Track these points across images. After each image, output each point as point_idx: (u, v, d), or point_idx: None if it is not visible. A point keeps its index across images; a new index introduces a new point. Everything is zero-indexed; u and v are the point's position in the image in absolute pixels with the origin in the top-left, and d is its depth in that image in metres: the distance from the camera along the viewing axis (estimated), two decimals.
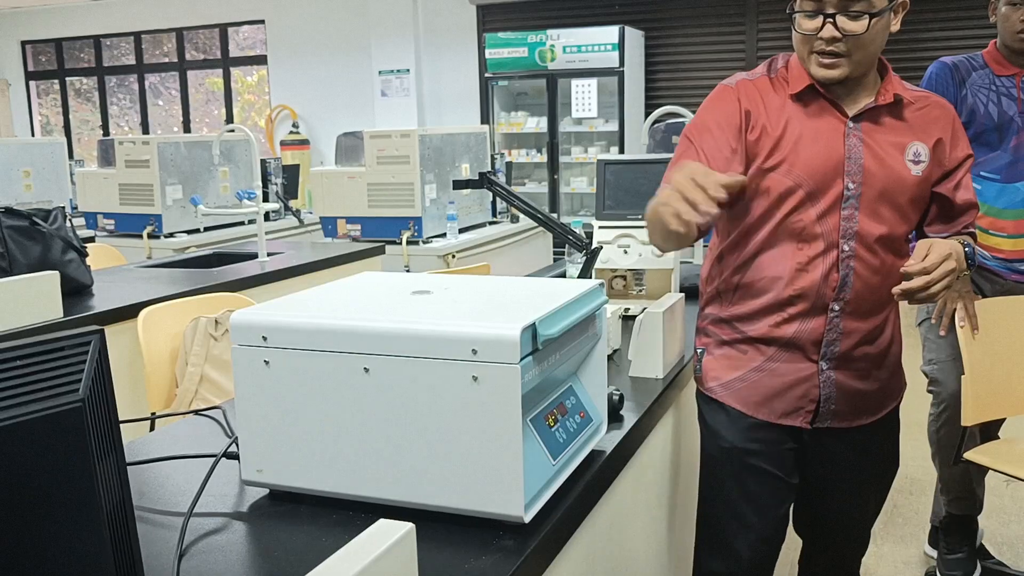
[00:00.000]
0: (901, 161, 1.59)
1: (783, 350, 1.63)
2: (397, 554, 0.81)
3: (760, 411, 1.66)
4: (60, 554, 0.68)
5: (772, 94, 1.63)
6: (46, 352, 0.69)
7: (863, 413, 1.68)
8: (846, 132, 1.59)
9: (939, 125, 1.64)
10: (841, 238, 1.58)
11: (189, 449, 1.42)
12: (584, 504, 1.27)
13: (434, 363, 1.09)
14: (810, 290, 1.59)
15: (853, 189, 1.57)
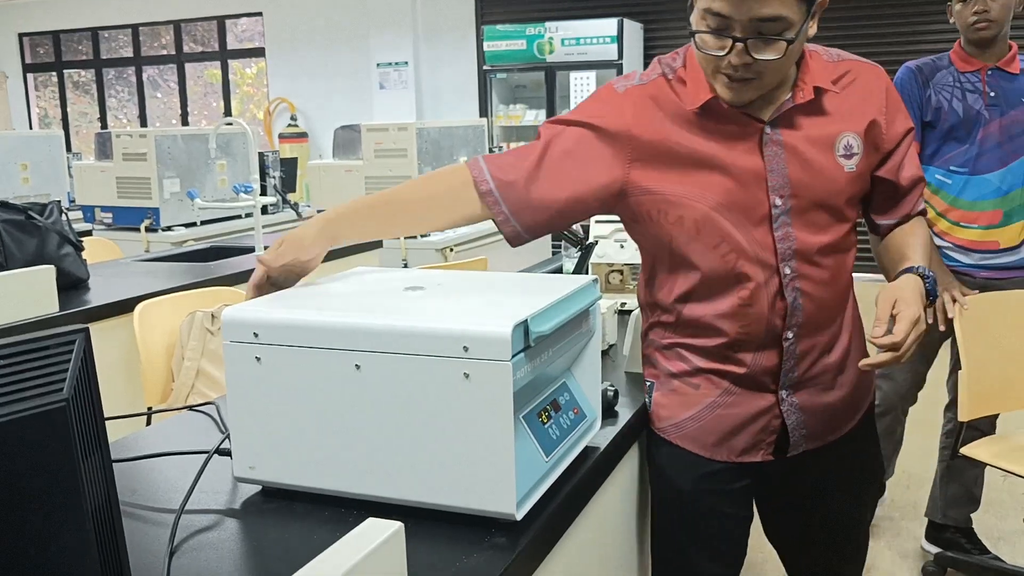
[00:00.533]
0: (832, 160, 1.39)
1: (737, 384, 1.46)
2: (386, 553, 0.80)
3: (718, 452, 1.48)
4: (45, 552, 0.68)
5: (670, 101, 1.39)
6: (30, 351, 0.68)
7: (839, 425, 1.53)
8: (763, 140, 1.37)
9: (870, 103, 1.42)
10: (780, 261, 1.39)
11: (183, 445, 1.41)
12: (577, 501, 1.26)
13: (425, 360, 1.09)
14: (758, 326, 1.41)
15: (781, 205, 1.38)
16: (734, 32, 1.27)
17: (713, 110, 1.37)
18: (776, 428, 1.48)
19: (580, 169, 1.39)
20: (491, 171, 1.39)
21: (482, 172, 1.39)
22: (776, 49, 1.28)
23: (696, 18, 1.32)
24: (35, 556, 0.67)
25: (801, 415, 1.47)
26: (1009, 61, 2.50)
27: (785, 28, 1.27)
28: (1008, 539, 2.89)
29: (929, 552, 2.78)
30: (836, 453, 1.53)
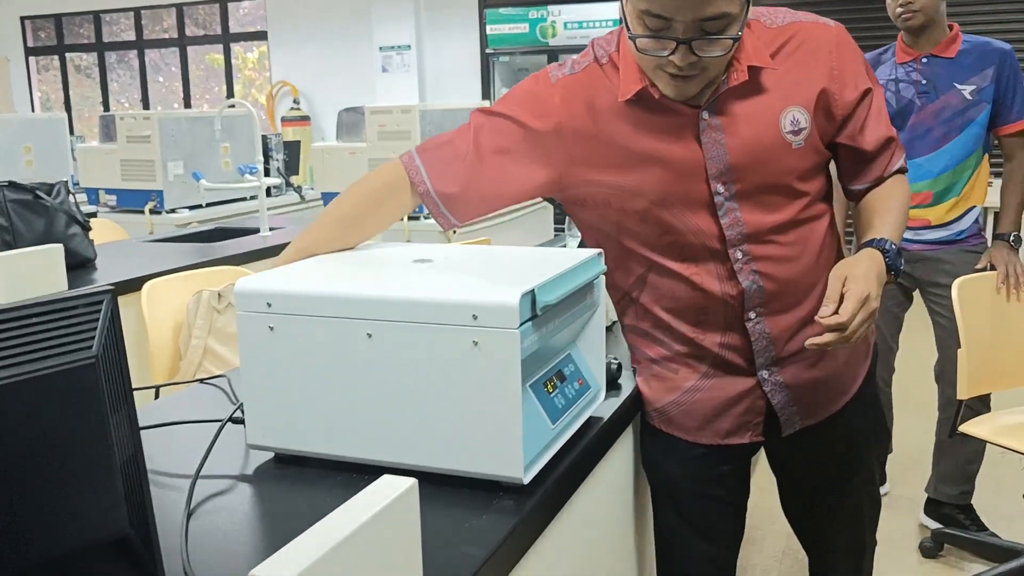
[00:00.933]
0: (777, 138, 1.32)
1: (714, 367, 1.44)
2: (401, 508, 0.83)
3: (702, 436, 1.48)
4: (77, 503, 0.71)
5: (603, 93, 1.35)
6: (60, 311, 0.71)
7: (835, 398, 1.50)
8: (700, 127, 1.32)
9: (817, 71, 1.34)
10: (729, 248, 1.35)
11: (194, 416, 1.44)
12: (582, 468, 1.29)
13: (435, 328, 1.11)
14: (715, 308, 1.39)
15: (724, 191, 1.33)
16: (676, 33, 1.21)
17: (646, 100, 1.33)
18: (762, 409, 1.45)
19: (515, 166, 1.38)
20: (428, 173, 1.40)
21: (419, 173, 1.40)
22: (722, 46, 1.24)
23: (632, 19, 1.25)
24: (68, 507, 0.70)
25: (789, 393, 1.44)
26: (945, 47, 2.56)
27: (728, 24, 1.22)
28: (1007, 516, 2.93)
29: (928, 527, 2.82)
30: (840, 423, 1.51)
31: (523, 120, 1.37)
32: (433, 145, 1.42)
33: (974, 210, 2.67)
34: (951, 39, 2.57)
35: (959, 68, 2.55)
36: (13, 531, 0.67)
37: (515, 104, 1.39)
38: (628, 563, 1.61)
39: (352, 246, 1.40)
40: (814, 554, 1.70)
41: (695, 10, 1.18)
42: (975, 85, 2.54)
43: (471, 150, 1.39)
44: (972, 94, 2.54)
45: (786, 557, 2.72)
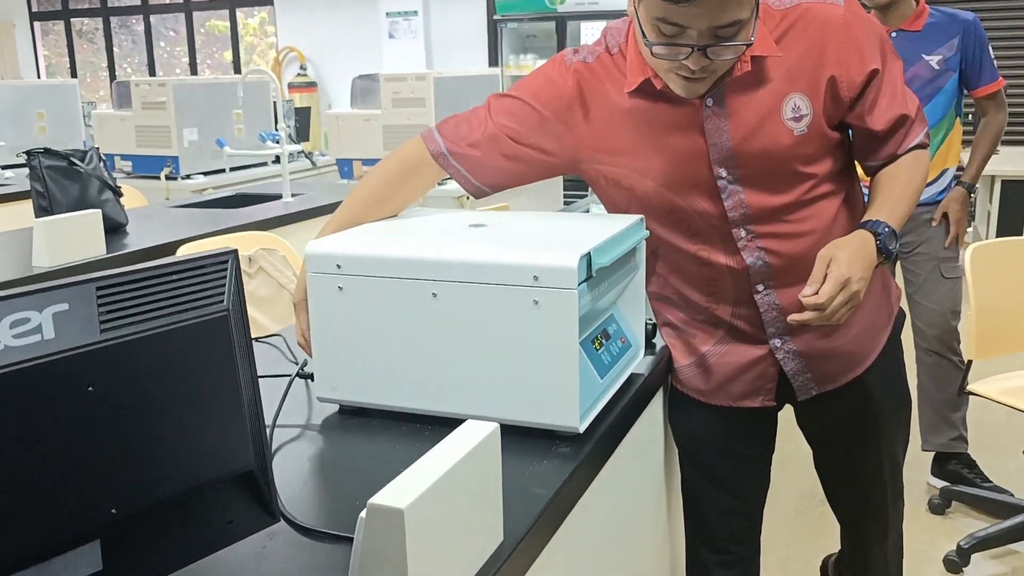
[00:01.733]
0: (779, 125, 1.35)
1: (728, 335, 1.50)
2: (486, 448, 0.92)
3: (715, 397, 1.55)
4: (212, 440, 0.79)
5: (612, 83, 1.40)
6: (193, 269, 0.79)
7: (852, 365, 1.52)
8: (703, 116, 1.36)
9: (824, 56, 1.35)
10: (732, 227, 1.40)
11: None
12: (627, 419, 1.38)
13: (498, 288, 1.20)
14: (724, 282, 1.45)
15: (727, 176, 1.38)
16: (691, 40, 1.24)
17: (650, 91, 1.37)
18: (774, 376, 1.50)
19: (528, 144, 1.44)
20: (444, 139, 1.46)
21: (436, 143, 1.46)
22: (734, 51, 1.27)
23: (647, 26, 1.26)
24: (204, 443, 0.79)
25: (802, 361, 1.49)
26: (912, 20, 2.71)
27: (741, 29, 1.24)
28: (1009, 476, 3.03)
29: (935, 486, 2.93)
30: (859, 389, 1.54)
31: (535, 104, 1.44)
32: (450, 120, 1.50)
33: (949, 171, 2.84)
34: (918, 13, 2.73)
35: (926, 40, 2.70)
36: (161, 460, 0.76)
37: (529, 89, 1.46)
38: (664, 506, 1.71)
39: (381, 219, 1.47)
40: (841, 515, 1.76)
41: (710, 19, 1.21)
42: (942, 55, 2.69)
43: (488, 122, 1.45)
44: (939, 64, 2.70)
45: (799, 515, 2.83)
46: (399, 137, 4.78)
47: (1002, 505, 2.71)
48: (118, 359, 0.72)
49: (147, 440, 0.74)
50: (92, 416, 0.71)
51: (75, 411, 0.70)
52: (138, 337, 0.74)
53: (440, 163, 1.47)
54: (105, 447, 0.71)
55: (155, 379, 0.75)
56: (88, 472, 0.71)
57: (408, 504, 0.78)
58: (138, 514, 0.74)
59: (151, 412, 0.75)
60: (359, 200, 1.47)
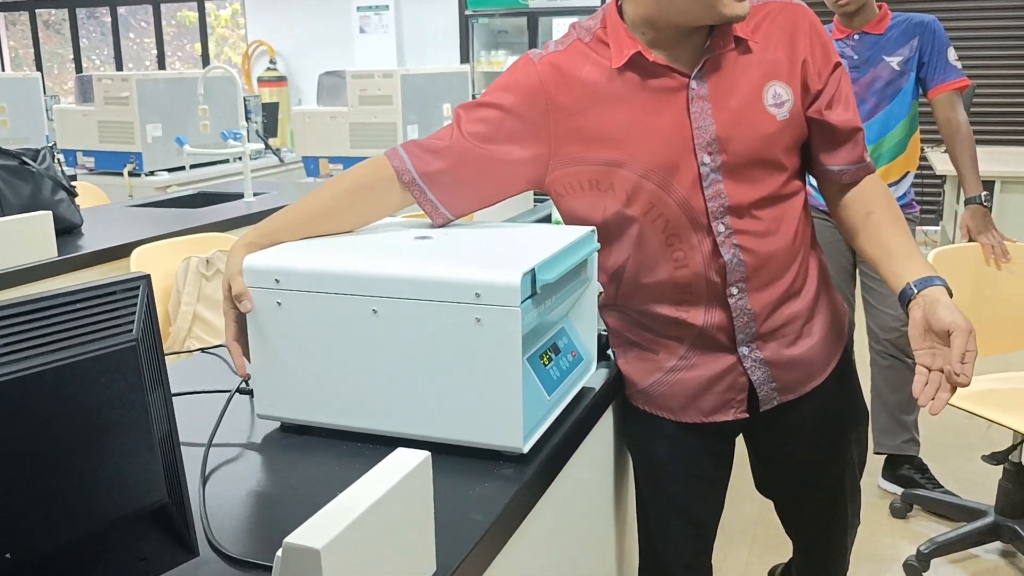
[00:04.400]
0: (761, 110, 1.36)
1: (696, 345, 1.46)
2: (416, 479, 0.89)
3: (686, 414, 1.50)
4: (120, 475, 0.75)
5: (591, 65, 1.38)
6: (102, 296, 0.75)
7: (813, 374, 1.52)
8: (689, 97, 1.36)
9: (796, 44, 1.39)
10: (712, 220, 1.39)
11: (198, 386, 1.49)
12: (576, 436, 1.36)
13: (440, 306, 1.16)
14: (698, 285, 1.42)
15: (710, 162, 1.37)
16: None
17: (637, 67, 1.36)
18: (743, 386, 1.48)
19: (500, 148, 1.39)
20: (411, 159, 1.40)
21: (403, 162, 1.40)
22: None
23: None
24: (113, 479, 0.75)
25: (768, 369, 1.47)
26: (876, 24, 2.78)
27: None
28: (970, 478, 3.05)
29: (887, 491, 2.94)
30: (816, 401, 1.53)
31: (506, 104, 1.39)
32: (416, 140, 1.44)
33: (909, 175, 2.88)
34: (880, 17, 2.80)
35: (887, 42, 2.77)
36: (62, 501, 0.72)
37: (497, 91, 1.41)
38: (614, 526, 1.69)
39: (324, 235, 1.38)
40: (795, 532, 1.74)
41: None
42: (902, 56, 2.76)
43: (455, 136, 1.40)
44: (899, 64, 2.76)
45: (760, 522, 2.82)
46: (366, 135, 4.73)
47: (963, 509, 2.71)
48: (14, 395, 0.68)
49: (45, 480, 0.70)
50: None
51: None
52: (36, 371, 0.70)
53: (403, 180, 1.40)
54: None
55: (55, 415, 0.71)
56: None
57: (325, 544, 0.75)
58: (37, 559, 0.70)
59: (49, 450, 0.71)
60: (300, 211, 1.37)
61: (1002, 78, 6.73)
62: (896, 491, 2.91)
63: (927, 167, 5.64)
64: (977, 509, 2.64)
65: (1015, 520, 2.50)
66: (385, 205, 1.42)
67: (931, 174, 5.64)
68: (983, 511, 2.60)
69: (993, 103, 6.74)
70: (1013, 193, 5.11)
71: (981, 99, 6.60)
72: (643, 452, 1.59)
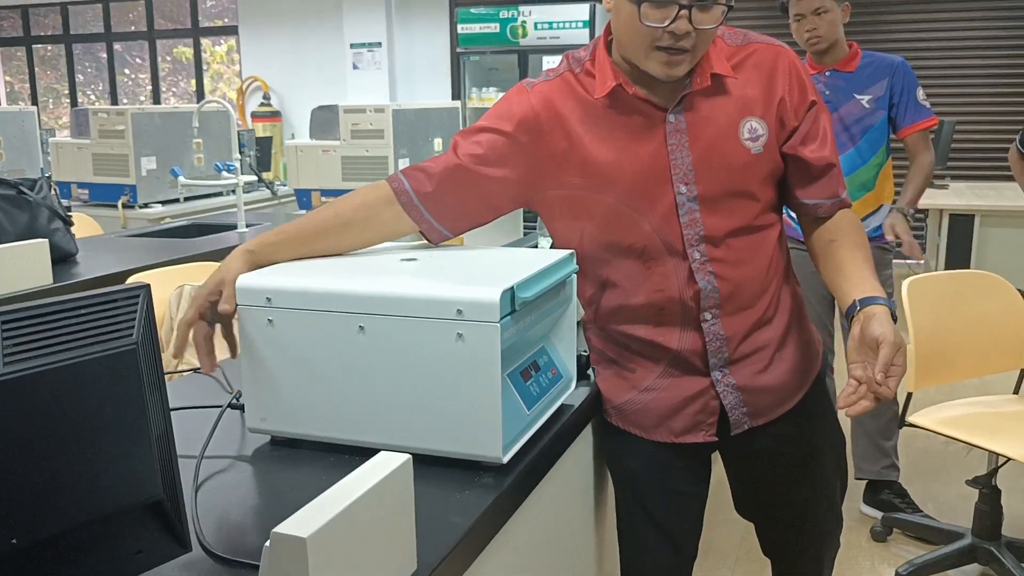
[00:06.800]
0: (736, 144, 1.42)
1: (671, 367, 1.52)
2: (397, 479, 0.94)
3: (657, 433, 1.55)
4: (119, 468, 0.81)
5: (578, 97, 1.45)
6: (105, 303, 0.81)
7: (784, 400, 1.56)
8: (666, 131, 1.42)
9: (775, 84, 1.45)
10: (687, 247, 1.44)
11: (191, 402, 1.54)
12: (554, 450, 1.41)
13: (423, 322, 1.22)
14: (673, 309, 1.47)
15: (686, 192, 1.42)
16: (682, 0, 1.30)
17: (618, 99, 1.43)
18: (715, 409, 1.52)
19: (492, 169, 1.46)
20: (409, 180, 1.46)
21: (401, 183, 1.46)
22: (714, 16, 1.33)
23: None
24: (111, 473, 0.80)
25: (740, 395, 1.51)
26: (847, 62, 2.90)
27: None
28: (948, 502, 3.10)
29: (867, 515, 2.99)
30: (786, 426, 1.57)
31: (499, 127, 1.46)
32: (415, 164, 1.51)
33: (883, 208, 2.98)
34: (851, 56, 2.91)
35: (858, 80, 2.88)
36: (65, 492, 0.77)
37: (491, 117, 1.49)
38: (593, 538, 1.73)
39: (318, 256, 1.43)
40: (769, 552, 1.78)
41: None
42: (872, 95, 2.87)
43: (451, 159, 1.47)
44: (869, 103, 2.88)
45: (743, 544, 2.86)
46: (357, 168, 4.82)
47: (941, 532, 2.76)
48: (22, 391, 0.74)
49: (49, 471, 0.76)
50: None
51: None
52: (43, 370, 0.75)
53: (401, 200, 1.46)
54: (5, 477, 0.73)
55: (59, 411, 0.77)
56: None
57: (311, 533, 0.80)
58: (40, 545, 0.76)
59: (54, 443, 0.76)
60: (303, 227, 1.42)
61: (981, 114, 6.88)
62: (876, 515, 2.96)
63: None
64: (955, 532, 2.69)
65: (991, 542, 2.55)
66: (385, 225, 1.47)
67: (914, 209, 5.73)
68: (960, 533, 2.64)
69: (973, 139, 6.88)
70: (992, 227, 5.21)
71: (961, 135, 6.73)
72: (619, 466, 1.63)
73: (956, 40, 6.84)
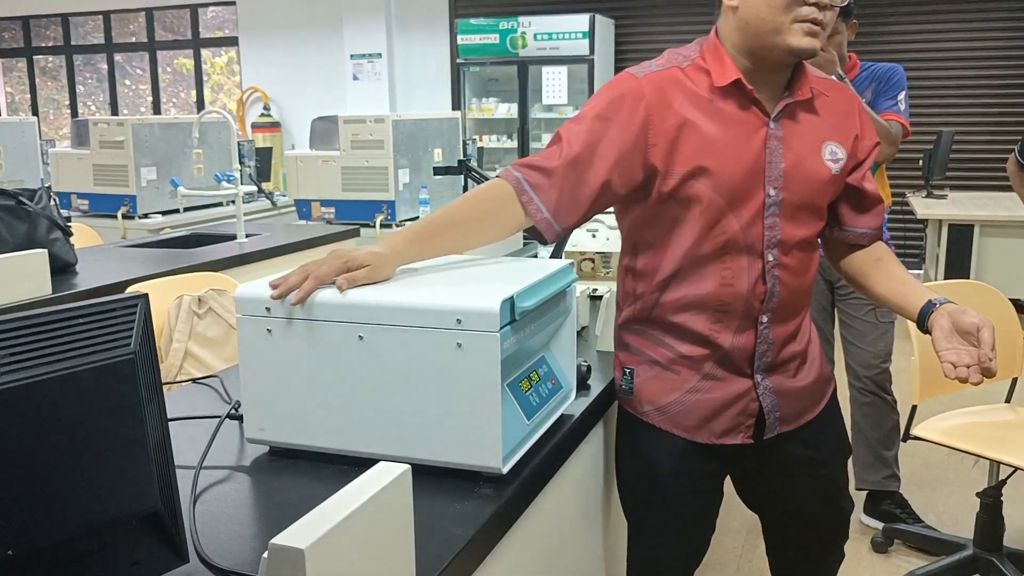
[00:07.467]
0: (820, 161, 1.52)
1: (717, 367, 1.56)
2: (396, 489, 0.94)
3: (698, 434, 1.58)
4: (115, 480, 0.80)
5: (686, 89, 1.49)
6: (103, 312, 0.81)
7: (807, 410, 1.64)
8: (767, 135, 1.49)
9: (851, 118, 1.58)
10: (766, 248, 1.51)
11: (188, 413, 1.53)
12: (555, 461, 1.41)
13: (422, 331, 1.22)
14: (737, 305, 1.52)
15: (774, 196, 1.50)
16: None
17: (731, 95, 1.48)
18: (754, 411, 1.57)
19: (605, 157, 1.47)
20: (528, 180, 1.47)
21: (520, 183, 1.47)
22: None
23: None
24: (108, 483, 0.80)
25: (775, 398, 1.58)
26: (847, 72, 2.92)
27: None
28: (951, 512, 3.09)
29: (869, 525, 2.98)
30: (806, 435, 1.64)
31: (610, 116, 1.47)
32: (525, 160, 1.52)
33: None
34: (851, 66, 2.94)
35: (855, 87, 2.88)
36: (61, 502, 0.77)
37: (602, 105, 1.49)
38: (595, 549, 1.72)
39: (458, 253, 1.46)
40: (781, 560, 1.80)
41: None
42: (866, 99, 2.88)
43: (564, 152, 1.48)
44: None
45: (743, 555, 2.85)
46: (357, 178, 4.82)
47: (943, 543, 2.75)
48: (19, 401, 0.73)
49: (46, 480, 0.75)
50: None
51: None
52: (41, 379, 0.75)
53: (522, 200, 1.46)
54: (1, 487, 0.72)
55: (57, 421, 0.76)
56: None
57: (309, 544, 0.79)
58: (36, 556, 0.75)
59: (51, 453, 0.76)
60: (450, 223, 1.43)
61: (980, 125, 6.89)
62: (877, 526, 2.94)
63: (909, 212, 5.76)
64: (956, 543, 2.67)
65: (993, 553, 2.53)
66: (506, 222, 1.48)
67: (913, 218, 5.75)
68: (962, 544, 2.63)
69: (971, 149, 6.89)
70: (992, 237, 5.21)
71: (960, 145, 6.74)
72: (648, 467, 1.62)
73: (955, 51, 6.86)
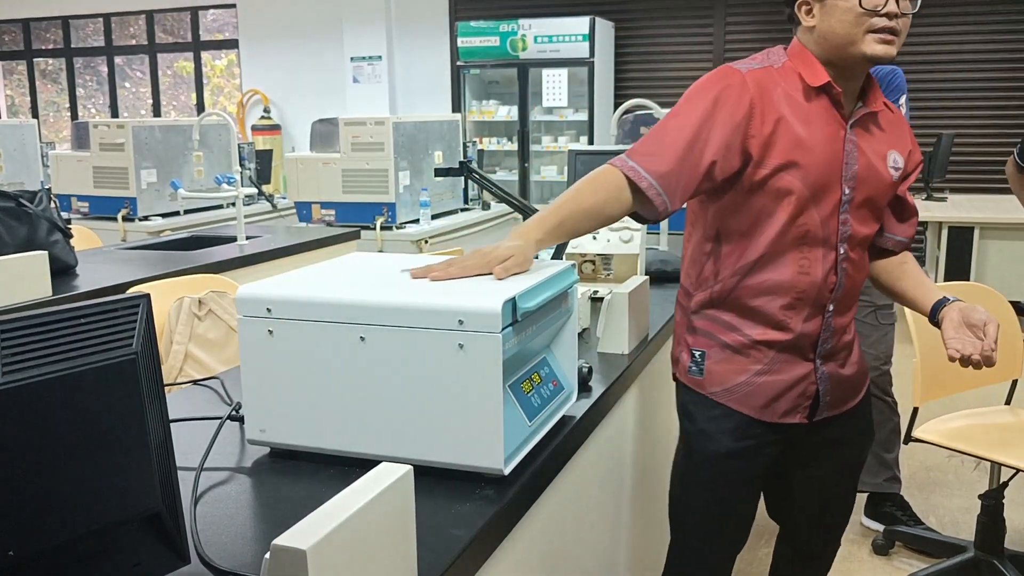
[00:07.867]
0: (884, 166, 1.67)
1: (784, 352, 1.67)
2: (398, 490, 0.93)
3: (764, 414, 1.69)
4: (116, 482, 0.80)
5: (781, 87, 1.61)
6: (104, 312, 0.81)
7: (850, 397, 1.78)
8: (845, 137, 1.62)
9: (906, 133, 1.73)
10: (839, 242, 1.64)
11: (189, 415, 1.53)
12: (556, 462, 1.40)
13: (424, 332, 1.22)
14: (811, 293, 1.64)
15: (848, 194, 1.62)
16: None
17: (821, 97, 1.61)
18: (811, 393, 1.71)
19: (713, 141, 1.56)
20: (644, 167, 1.56)
21: (636, 171, 1.56)
22: (913, 2, 1.56)
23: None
24: (109, 484, 0.80)
25: (828, 383, 1.72)
26: None
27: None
28: (951, 515, 3.08)
29: (869, 527, 2.97)
30: (843, 421, 1.78)
31: (720, 103, 1.57)
32: (635, 149, 1.60)
33: None
34: None
35: None
36: (62, 502, 0.76)
37: (711, 94, 1.58)
38: (599, 550, 1.72)
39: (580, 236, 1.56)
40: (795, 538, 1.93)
41: None
42: None
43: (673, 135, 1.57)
44: None
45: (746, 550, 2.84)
46: (358, 181, 4.82)
47: (943, 545, 2.74)
48: (20, 401, 0.73)
49: (47, 481, 0.75)
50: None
51: None
52: (42, 380, 0.75)
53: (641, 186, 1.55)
54: (3, 488, 0.72)
55: (58, 421, 0.76)
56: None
57: (311, 545, 0.79)
58: (37, 557, 0.75)
59: (52, 454, 0.76)
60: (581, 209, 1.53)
61: (980, 127, 6.89)
62: (878, 528, 2.94)
63: None
64: (957, 545, 2.67)
65: (994, 555, 2.53)
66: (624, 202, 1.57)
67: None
68: (963, 547, 2.63)
69: (971, 151, 6.89)
70: (991, 239, 5.21)
71: (960, 147, 6.75)
72: (710, 445, 1.72)
73: (955, 53, 6.86)
